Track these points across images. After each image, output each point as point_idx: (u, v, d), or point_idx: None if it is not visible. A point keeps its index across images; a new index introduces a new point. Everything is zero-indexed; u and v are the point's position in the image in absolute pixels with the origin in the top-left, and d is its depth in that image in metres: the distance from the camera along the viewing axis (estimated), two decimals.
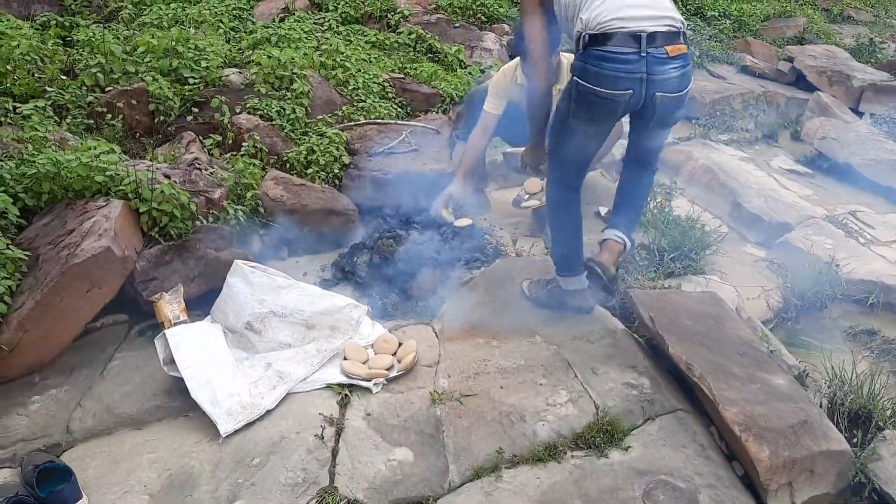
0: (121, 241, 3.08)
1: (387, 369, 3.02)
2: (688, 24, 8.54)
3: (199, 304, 3.34)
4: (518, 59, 4.24)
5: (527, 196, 4.72)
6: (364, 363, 3.07)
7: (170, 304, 3.14)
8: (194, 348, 2.86)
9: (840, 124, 5.97)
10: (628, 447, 2.63)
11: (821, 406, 2.84)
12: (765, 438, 2.44)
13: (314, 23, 6.41)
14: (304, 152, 4.35)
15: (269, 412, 2.79)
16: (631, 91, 2.67)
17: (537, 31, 2.93)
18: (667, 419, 2.77)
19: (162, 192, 3.32)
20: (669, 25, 2.69)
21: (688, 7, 9.01)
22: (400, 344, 3.18)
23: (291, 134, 4.60)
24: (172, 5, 6.09)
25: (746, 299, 3.88)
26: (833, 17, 10.17)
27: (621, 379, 2.96)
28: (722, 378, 2.69)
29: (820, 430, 2.53)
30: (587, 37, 2.66)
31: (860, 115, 6.83)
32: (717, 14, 8.89)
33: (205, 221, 3.50)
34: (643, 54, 2.62)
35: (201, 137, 4.36)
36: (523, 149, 3.45)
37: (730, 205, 4.81)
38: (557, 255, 3.27)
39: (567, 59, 4.14)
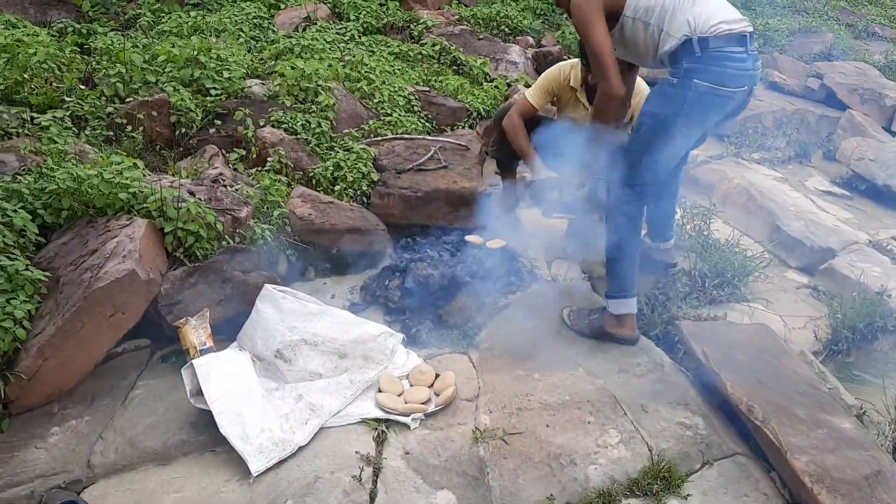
0: (145, 264, 2.93)
1: (424, 403, 2.85)
2: None
3: (225, 329, 3.18)
4: (576, 60, 3.99)
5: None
6: (399, 395, 2.91)
7: (195, 330, 2.98)
8: (223, 380, 2.70)
9: (876, 144, 5.80)
10: (688, 495, 2.46)
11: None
12: (839, 491, 2.27)
13: (336, 33, 6.26)
14: (331, 168, 4.20)
15: (301, 448, 2.62)
16: (746, 87, 2.81)
17: (605, 37, 2.79)
18: (726, 464, 2.60)
19: (188, 210, 3.17)
20: (749, 25, 2.84)
21: None
22: (437, 375, 3.02)
23: (317, 149, 4.44)
24: (192, 13, 5.95)
25: (792, 329, 3.72)
26: (858, 33, 10.00)
27: (673, 418, 2.79)
28: (786, 421, 2.52)
29: (893, 480, 2.36)
30: (699, 40, 2.71)
31: (893, 134, 6.66)
32: None
33: (231, 241, 3.34)
34: (749, 52, 2.78)
35: (224, 151, 4.21)
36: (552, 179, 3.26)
37: (768, 228, 4.64)
38: (617, 273, 3.13)
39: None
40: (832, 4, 10.87)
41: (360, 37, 6.39)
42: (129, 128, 4.21)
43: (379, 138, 4.65)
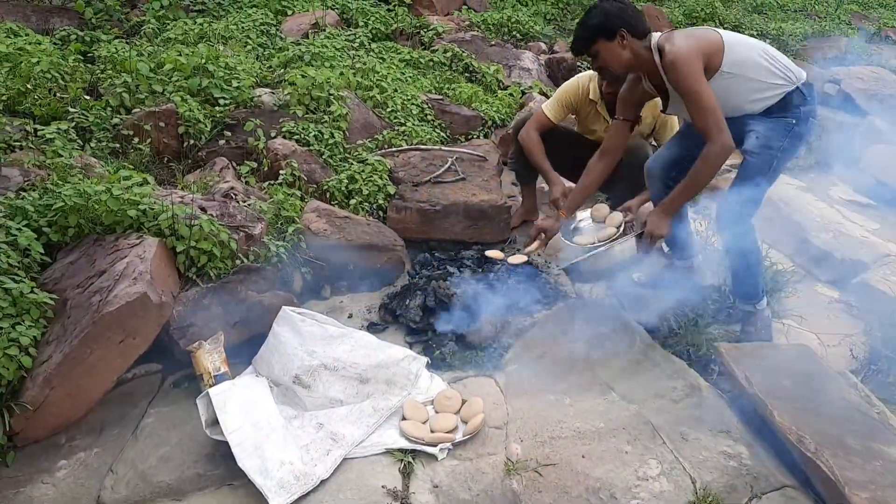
0: (157, 286, 2.78)
1: (451, 431, 2.71)
2: None
3: (240, 352, 3.04)
4: (594, 72, 3.84)
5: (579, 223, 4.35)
6: (425, 423, 2.76)
7: (209, 355, 2.84)
8: (241, 409, 2.54)
9: None
10: None
11: None
12: None
13: (345, 39, 6.13)
14: (346, 181, 4.06)
15: (323, 482, 2.47)
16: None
17: (713, 93, 2.88)
18: (775, 498, 2.45)
19: (201, 228, 3.02)
20: None
21: (724, 26, 8.72)
22: (463, 401, 2.87)
23: (330, 160, 4.30)
24: (198, 20, 5.81)
25: (828, 346, 3.56)
26: (870, 37, 9.87)
27: (716, 447, 2.64)
28: (840, 453, 2.37)
29: None
30: (806, 86, 3.08)
31: None
32: (755, 33, 8.59)
33: (245, 260, 3.20)
34: None
35: (234, 164, 4.07)
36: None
37: (796, 240, 4.48)
38: (761, 283, 3.40)
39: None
40: (844, 8, 10.75)
41: (369, 43, 6.25)
42: (136, 139, 4.08)
43: (394, 149, 4.51)
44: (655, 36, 3.00)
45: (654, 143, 4.05)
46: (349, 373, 2.81)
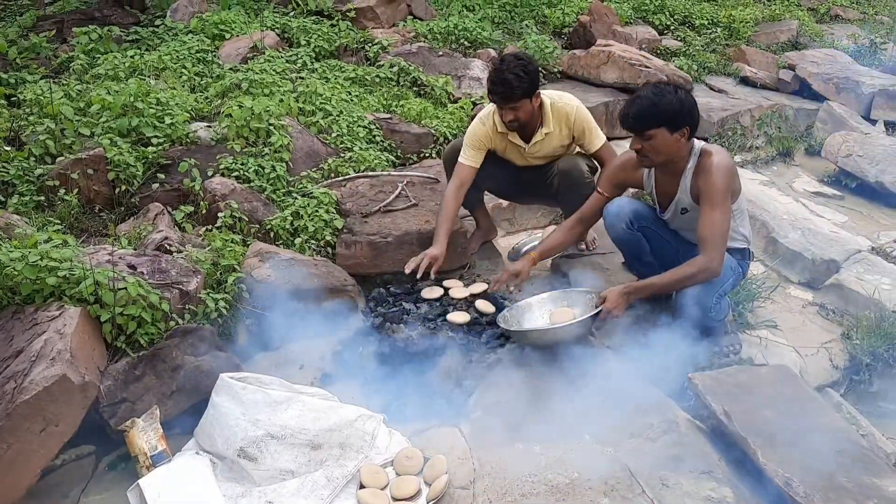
0: (79, 364, 2.53)
1: (413, 497, 2.50)
2: (678, 36, 8.15)
3: (180, 423, 2.80)
4: (492, 105, 3.69)
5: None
6: (384, 489, 2.55)
7: (144, 433, 2.59)
8: (177, 499, 2.30)
9: (861, 138, 5.55)
10: None
11: None
12: None
13: (287, 61, 5.87)
14: (290, 218, 3.82)
15: None
16: None
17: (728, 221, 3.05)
18: None
19: (127, 292, 2.77)
20: None
21: (675, 17, 8.60)
22: (426, 459, 2.66)
23: (273, 196, 4.06)
24: (130, 52, 5.52)
25: (806, 356, 3.43)
26: (821, 16, 9.83)
27: (698, 491, 2.45)
28: (832, 496, 2.20)
29: None
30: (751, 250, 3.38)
31: (872, 122, 6.43)
32: (706, 23, 8.48)
33: (180, 321, 2.95)
34: None
35: (170, 208, 3.81)
36: None
37: (764, 240, 4.36)
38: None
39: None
40: None
41: (312, 63, 5.99)
42: (63, 190, 3.80)
43: (340, 178, 4.28)
44: (697, 143, 3.12)
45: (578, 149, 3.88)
46: (299, 440, 2.58)
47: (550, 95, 3.72)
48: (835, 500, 2.17)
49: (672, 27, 8.45)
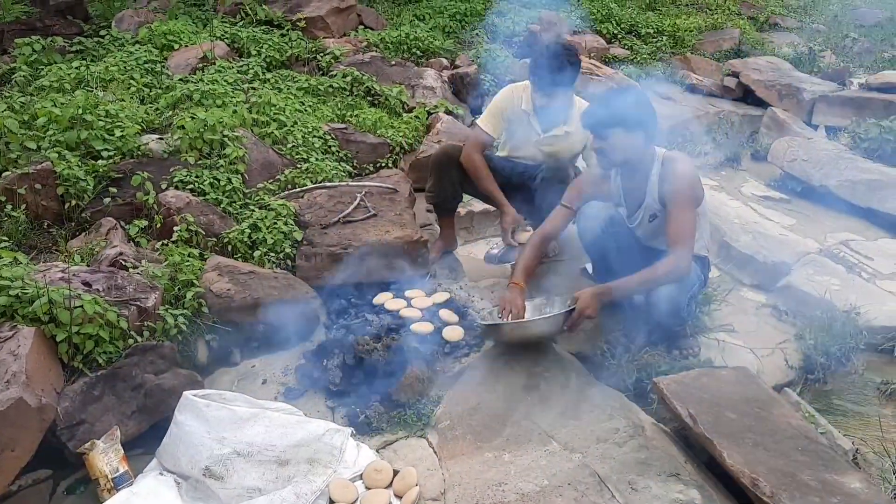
0: (35, 385, 2.45)
1: None
2: (625, 44, 8.31)
3: (142, 442, 2.74)
4: (528, 82, 3.78)
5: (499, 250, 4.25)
6: (354, 503, 2.51)
7: (104, 455, 2.52)
8: None
9: (805, 142, 5.72)
10: None
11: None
12: None
13: (238, 71, 5.79)
14: (248, 230, 3.76)
15: None
16: None
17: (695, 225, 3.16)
18: None
19: (83, 310, 2.69)
20: None
21: (622, 26, 8.76)
22: (395, 472, 2.64)
23: (230, 209, 3.99)
24: (75, 63, 5.38)
25: (762, 357, 3.51)
26: (760, 25, 10.12)
27: (667, 494, 2.48)
28: (797, 495, 2.24)
29: None
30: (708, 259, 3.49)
31: (814, 127, 6.64)
32: (651, 31, 8.66)
33: (139, 338, 2.88)
34: None
35: (123, 223, 3.71)
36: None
37: (717, 244, 4.43)
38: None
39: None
40: None
41: (264, 73, 5.94)
42: (10, 206, 3.68)
43: (298, 190, 4.23)
44: (660, 150, 3.22)
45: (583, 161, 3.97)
46: (266, 456, 2.53)
47: (579, 100, 3.82)
48: (800, 499, 2.22)
49: (620, 36, 8.61)
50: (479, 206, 4.76)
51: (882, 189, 4.94)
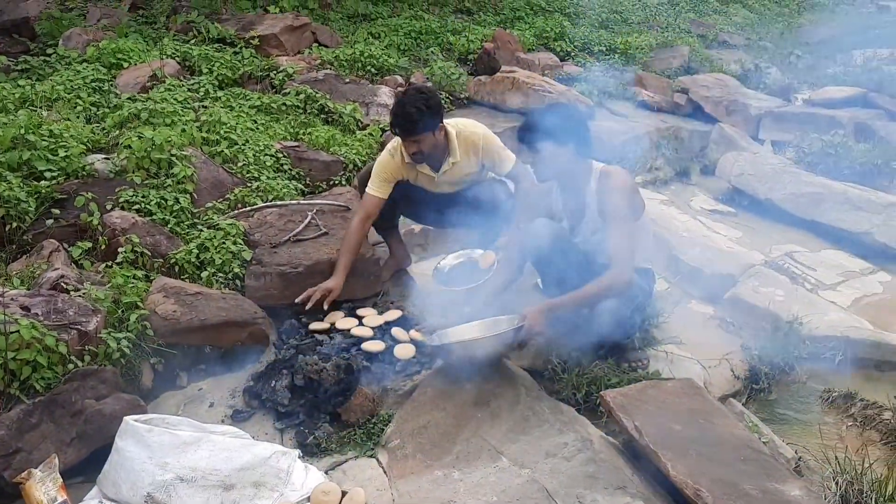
0: None
1: None
2: (578, 62, 8.42)
3: (82, 470, 2.69)
4: (397, 138, 3.70)
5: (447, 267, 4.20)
6: None
7: (42, 484, 2.45)
8: None
9: (751, 157, 5.85)
10: None
11: None
12: None
13: (188, 90, 5.73)
14: (195, 250, 3.71)
15: None
16: None
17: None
18: None
19: (20, 335, 2.63)
20: None
21: (575, 44, 8.88)
22: (344, 493, 2.61)
23: (177, 228, 3.94)
24: (20, 82, 5.27)
25: (709, 367, 3.56)
26: (709, 42, 10.34)
27: None
28: None
29: None
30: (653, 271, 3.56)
31: (761, 142, 6.79)
32: (604, 49, 8.80)
33: (79, 363, 2.81)
34: None
35: (66, 245, 3.64)
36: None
37: (666, 257, 4.50)
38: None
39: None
40: (683, 17, 11.24)
41: (215, 91, 5.88)
42: None
43: (248, 208, 4.19)
44: (596, 164, 3.32)
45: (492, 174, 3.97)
46: (210, 481, 2.49)
47: (457, 124, 3.77)
48: None
49: (573, 53, 8.72)
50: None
51: (824, 202, 5.07)
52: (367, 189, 3.78)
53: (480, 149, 3.76)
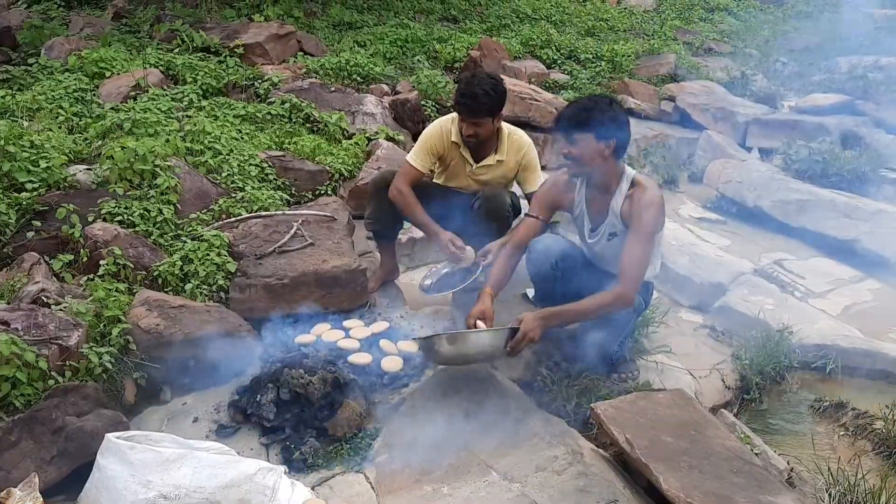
0: None
1: None
2: (565, 69, 8.42)
3: (64, 489, 2.61)
4: (453, 115, 3.75)
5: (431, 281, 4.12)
6: None
7: (22, 503, 2.38)
8: None
9: (739, 164, 5.86)
10: None
11: None
12: None
13: (172, 99, 5.68)
14: (179, 262, 3.65)
15: None
16: None
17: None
18: None
19: None
20: None
21: (561, 52, 8.89)
22: None
23: (160, 240, 3.88)
24: (1, 92, 5.20)
25: (700, 377, 3.54)
26: (696, 50, 10.38)
27: None
28: None
29: None
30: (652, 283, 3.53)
31: (748, 150, 6.81)
32: (590, 57, 8.80)
33: (60, 379, 2.75)
34: None
35: (47, 258, 3.57)
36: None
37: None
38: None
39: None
40: (669, 24, 11.28)
41: (199, 101, 5.82)
42: None
43: (232, 219, 4.14)
44: (629, 169, 3.19)
45: (518, 186, 3.95)
46: (194, 499, 2.43)
47: (508, 127, 3.82)
48: None
49: (559, 61, 8.73)
50: (419, 232, 4.72)
51: (812, 209, 5.08)
52: (408, 157, 3.80)
53: (523, 156, 3.80)
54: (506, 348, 3.00)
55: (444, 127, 3.79)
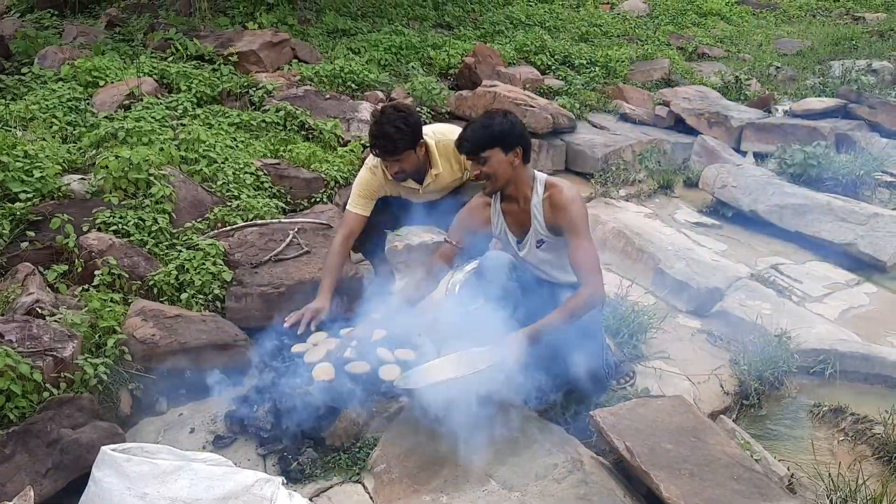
0: None
1: None
2: (559, 75, 8.43)
3: (60, 502, 2.59)
4: (376, 158, 3.62)
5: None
6: None
7: None
8: None
9: (734, 169, 5.86)
10: None
11: None
12: None
13: (166, 107, 5.66)
14: (174, 272, 3.64)
15: None
16: None
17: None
18: None
19: None
20: None
21: (556, 58, 8.89)
22: None
23: (156, 250, 3.87)
24: None
25: (698, 383, 3.52)
26: (689, 55, 10.39)
27: None
28: None
29: None
30: None
31: (742, 154, 6.81)
32: (585, 62, 8.81)
33: (55, 391, 2.73)
34: None
35: (41, 269, 3.55)
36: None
37: (652, 272, 4.48)
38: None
39: None
40: (662, 30, 11.31)
41: (194, 109, 5.81)
42: None
43: (228, 228, 4.12)
44: (540, 174, 3.18)
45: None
46: None
47: (434, 133, 3.71)
48: None
49: (553, 67, 8.73)
50: (415, 239, 4.71)
51: (808, 213, 5.08)
52: (348, 207, 3.71)
53: (461, 155, 3.71)
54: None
55: (375, 170, 3.67)
